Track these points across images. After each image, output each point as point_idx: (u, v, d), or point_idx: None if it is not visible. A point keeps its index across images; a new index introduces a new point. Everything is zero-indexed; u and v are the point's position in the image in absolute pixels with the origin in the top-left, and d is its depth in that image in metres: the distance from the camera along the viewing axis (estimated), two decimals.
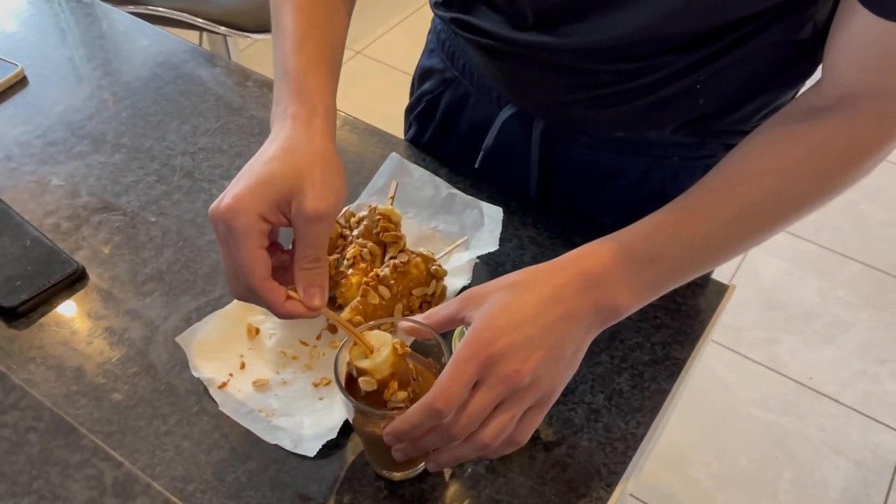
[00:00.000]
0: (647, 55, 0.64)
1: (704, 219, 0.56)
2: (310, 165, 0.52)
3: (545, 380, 0.51)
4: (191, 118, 0.89)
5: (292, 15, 0.60)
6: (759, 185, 0.56)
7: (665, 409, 0.65)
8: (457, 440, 0.50)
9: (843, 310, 1.84)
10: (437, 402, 0.48)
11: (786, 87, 0.69)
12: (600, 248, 0.55)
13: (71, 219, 0.78)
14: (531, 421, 0.52)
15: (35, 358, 0.66)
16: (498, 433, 0.50)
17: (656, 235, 0.55)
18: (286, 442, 0.60)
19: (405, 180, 0.78)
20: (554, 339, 0.51)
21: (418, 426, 0.49)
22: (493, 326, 0.50)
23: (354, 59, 2.50)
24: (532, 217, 0.79)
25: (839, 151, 0.57)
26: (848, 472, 1.56)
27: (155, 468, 0.59)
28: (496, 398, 0.50)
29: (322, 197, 0.51)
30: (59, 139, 0.86)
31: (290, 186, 0.50)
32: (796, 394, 1.69)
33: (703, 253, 0.56)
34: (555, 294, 0.52)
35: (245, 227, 0.49)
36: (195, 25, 1.55)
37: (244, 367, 0.65)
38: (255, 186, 0.50)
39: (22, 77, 0.92)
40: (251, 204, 0.49)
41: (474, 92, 0.80)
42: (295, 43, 0.59)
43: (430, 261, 0.68)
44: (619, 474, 0.61)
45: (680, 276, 0.57)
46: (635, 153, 0.74)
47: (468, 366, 0.49)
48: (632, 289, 0.54)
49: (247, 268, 0.49)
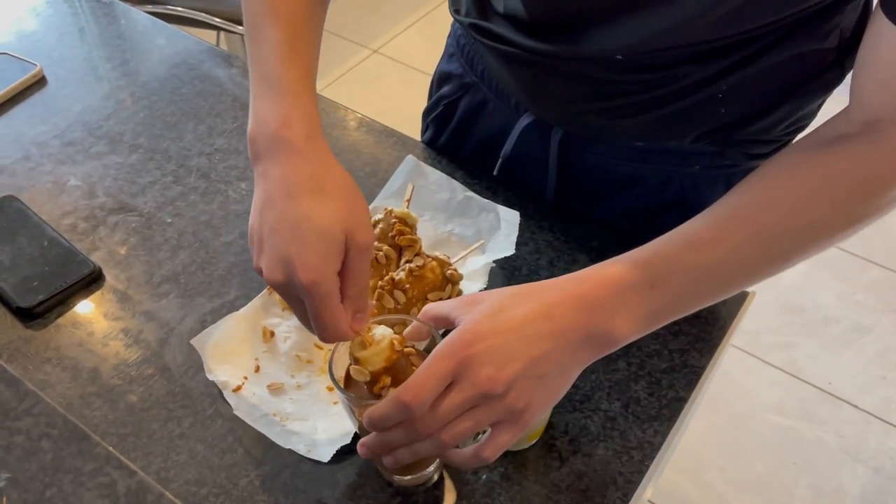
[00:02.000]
0: (666, 65, 0.63)
1: (711, 246, 0.52)
2: (345, 201, 0.53)
3: (520, 394, 0.49)
4: (207, 119, 0.89)
5: (276, 27, 0.57)
6: (772, 213, 0.53)
7: (683, 417, 0.65)
8: (421, 437, 0.49)
9: (863, 314, 1.82)
10: (405, 395, 0.47)
11: (811, 97, 0.68)
12: (599, 272, 0.52)
13: (88, 219, 0.78)
14: (500, 438, 0.50)
15: (51, 359, 0.66)
16: (457, 435, 0.49)
17: (659, 262, 0.52)
18: (300, 447, 0.60)
19: (421, 183, 0.78)
20: (536, 354, 0.49)
21: (386, 417, 0.49)
22: (476, 330, 0.49)
23: (371, 58, 2.50)
24: (549, 221, 0.78)
25: (860, 180, 0.53)
26: (866, 478, 1.54)
27: (169, 471, 0.59)
28: (466, 402, 0.48)
29: (368, 228, 0.53)
30: (77, 139, 0.86)
31: (343, 232, 0.51)
32: (814, 399, 1.67)
33: (709, 282, 0.53)
34: (545, 311, 0.50)
35: (328, 291, 0.50)
36: (213, 25, 1.55)
37: (259, 370, 0.65)
38: (320, 248, 0.50)
39: (41, 77, 0.93)
40: (327, 267, 0.50)
41: (493, 98, 0.79)
42: (282, 58, 0.57)
43: (445, 265, 0.68)
44: (635, 483, 0.60)
45: (685, 304, 0.53)
46: (655, 162, 0.73)
47: (443, 364, 0.48)
48: (629, 316, 0.51)
49: (332, 325, 0.51)
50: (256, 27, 0.59)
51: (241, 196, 0.80)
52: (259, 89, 0.56)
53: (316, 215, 0.51)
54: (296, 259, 0.50)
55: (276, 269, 0.51)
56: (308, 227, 0.50)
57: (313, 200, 0.51)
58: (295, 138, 0.53)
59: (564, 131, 0.74)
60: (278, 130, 0.54)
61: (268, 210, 0.53)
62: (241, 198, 0.80)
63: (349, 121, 0.90)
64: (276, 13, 0.58)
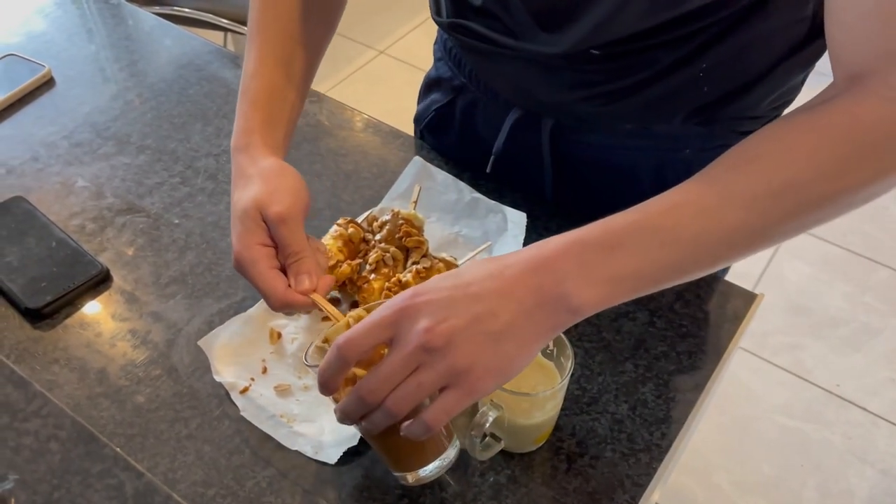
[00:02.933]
0: (640, 49, 0.64)
1: (677, 209, 0.49)
2: (260, 182, 0.60)
3: (462, 352, 0.46)
4: (215, 120, 0.89)
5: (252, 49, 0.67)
6: (745, 173, 0.49)
7: (691, 420, 0.64)
8: (369, 403, 0.47)
9: (871, 316, 1.81)
10: (339, 340, 0.47)
11: (793, 70, 0.67)
12: (555, 238, 0.49)
13: (96, 220, 0.78)
14: (446, 402, 0.47)
15: (59, 359, 0.67)
16: (403, 399, 0.47)
17: (620, 224, 0.49)
18: (307, 448, 0.60)
19: (428, 184, 0.78)
20: (480, 311, 0.46)
21: (327, 369, 0.48)
22: (418, 288, 0.48)
23: (377, 59, 2.50)
24: (556, 222, 0.78)
25: (842, 132, 0.49)
26: (874, 481, 1.53)
27: (176, 472, 0.59)
28: (407, 359, 0.46)
29: (278, 202, 0.58)
30: (85, 140, 0.86)
31: (258, 209, 0.58)
32: (822, 401, 1.66)
33: (678, 247, 0.48)
34: (494, 271, 0.48)
35: (251, 259, 0.58)
36: (220, 26, 1.55)
37: (266, 371, 0.65)
38: (241, 227, 0.59)
39: (49, 78, 0.93)
40: (246, 239, 0.58)
41: (482, 97, 0.80)
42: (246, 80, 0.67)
43: (452, 266, 0.68)
44: (643, 486, 0.60)
45: (653, 271, 0.49)
46: (646, 148, 0.73)
47: (380, 313, 0.47)
48: (588, 279, 0.47)
49: (268, 290, 0.58)
50: (245, 54, 0.68)
51: None
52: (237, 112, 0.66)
53: (239, 202, 0.60)
54: (231, 243, 0.59)
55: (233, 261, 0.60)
56: (234, 213, 0.60)
57: (239, 192, 0.60)
58: (235, 151, 0.63)
59: (554, 122, 0.75)
60: (231, 149, 0.64)
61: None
62: None
63: (356, 122, 0.90)
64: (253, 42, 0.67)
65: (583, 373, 0.66)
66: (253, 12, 0.68)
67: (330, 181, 0.82)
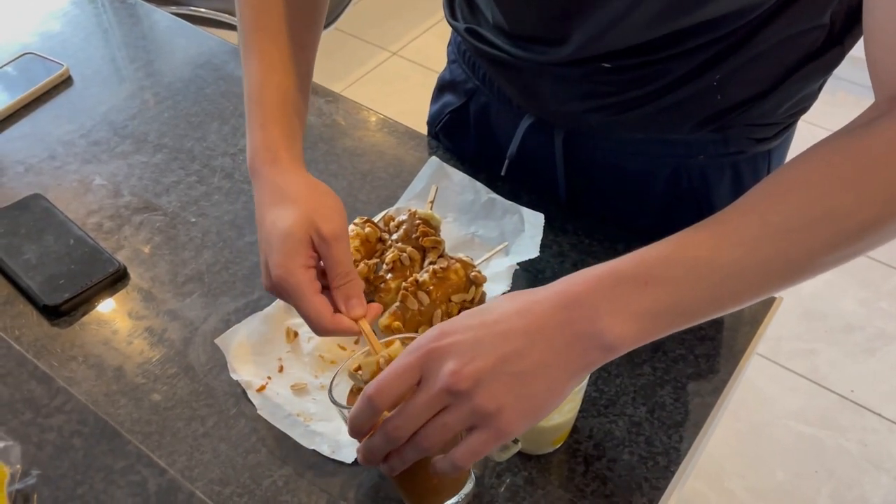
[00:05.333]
0: (640, 65, 0.63)
1: (713, 241, 0.47)
2: (302, 200, 0.58)
3: (488, 394, 0.44)
4: (231, 119, 0.89)
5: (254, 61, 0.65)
6: (784, 203, 0.47)
7: (709, 423, 0.64)
8: (395, 440, 0.46)
9: (887, 321, 1.79)
10: (369, 389, 0.46)
11: (811, 78, 0.66)
12: (589, 270, 0.47)
13: (113, 218, 0.78)
14: (473, 444, 0.45)
15: (76, 356, 0.67)
16: (431, 438, 0.46)
17: (654, 258, 0.47)
18: (324, 447, 0.60)
19: (445, 184, 0.78)
20: (509, 351, 0.45)
21: (357, 417, 0.47)
22: (446, 327, 0.46)
23: (390, 60, 2.50)
24: (572, 224, 0.77)
25: (885, 157, 0.46)
26: (889, 488, 1.52)
27: (193, 470, 0.59)
28: (433, 401, 0.45)
29: (328, 219, 0.57)
30: (103, 139, 0.87)
31: (305, 228, 0.56)
32: (837, 407, 1.65)
33: (714, 282, 0.46)
34: (522, 308, 0.46)
35: (297, 284, 0.55)
36: (234, 26, 1.56)
37: (282, 370, 0.65)
38: (285, 248, 0.56)
39: (67, 77, 0.93)
40: (291, 262, 0.55)
41: (495, 102, 0.79)
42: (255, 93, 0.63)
43: (469, 266, 0.67)
44: (661, 490, 0.59)
45: (689, 307, 0.47)
46: (659, 155, 0.73)
47: (407, 358, 0.46)
48: (621, 313, 0.45)
49: (314, 315, 0.55)
50: (244, 59, 0.66)
51: None
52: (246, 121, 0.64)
53: (279, 221, 0.56)
54: (269, 263, 0.56)
55: (264, 279, 0.58)
56: (274, 233, 0.56)
57: (277, 210, 0.57)
58: (261, 166, 0.60)
59: (567, 130, 0.74)
60: (252, 163, 0.61)
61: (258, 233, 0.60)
62: None
63: (372, 122, 0.90)
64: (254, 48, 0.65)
65: (600, 375, 0.66)
66: (245, 16, 0.66)
67: (346, 181, 0.82)
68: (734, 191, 0.74)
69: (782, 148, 0.75)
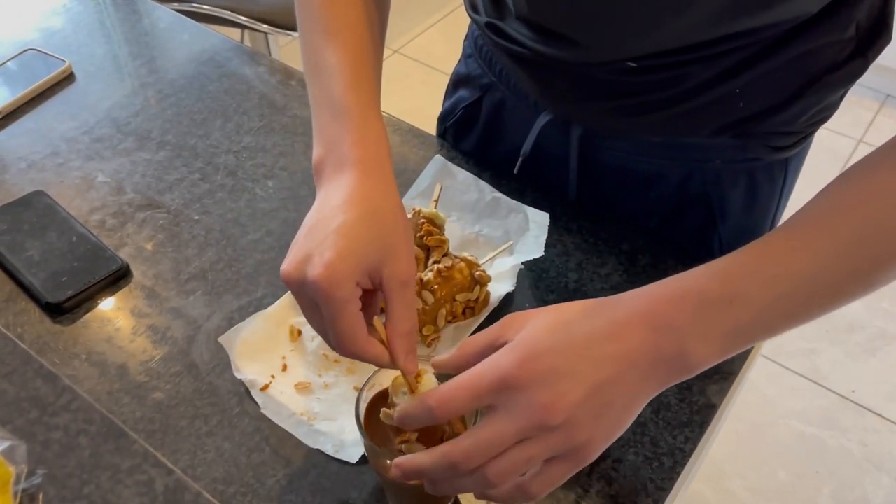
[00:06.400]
0: (677, 64, 0.63)
1: (791, 254, 0.46)
2: (394, 225, 0.49)
3: (581, 427, 0.42)
4: (235, 116, 0.89)
5: (338, 53, 0.55)
6: (858, 216, 0.46)
7: (714, 424, 0.64)
8: (460, 470, 0.42)
9: (888, 321, 1.79)
10: (431, 399, 0.43)
11: (833, 88, 0.66)
12: (671, 287, 0.46)
13: (116, 215, 0.78)
14: (553, 474, 0.43)
15: (79, 354, 0.66)
16: (507, 472, 0.42)
17: (738, 274, 0.45)
18: (327, 447, 0.60)
19: (449, 183, 0.77)
20: (602, 380, 0.43)
21: (411, 417, 0.44)
22: (531, 347, 0.43)
23: (392, 58, 2.49)
24: (577, 223, 0.77)
25: None
26: (890, 488, 1.52)
27: (196, 469, 0.59)
28: (517, 432, 0.42)
29: (411, 260, 0.49)
30: (106, 136, 0.86)
31: (381, 253, 0.48)
32: (838, 407, 1.65)
33: (793, 297, 0.46)
34: (612, 330, 0.44)
35: (345, 296, 0.46)
36: (237, 23, 1.56)
37: (286, 369, 0.65)
38: (347, 254, 0.47)
39: (69, 73, 0.93)
40: (348, 272, 0.46)
41: (511, 98, 0.79)
42: (348, 84, 0.55)
43: (473, 266, 0.67)
44: (666, 491, 0.59)
45: (766, 324, 0.46)
46: (675, 157, 0.73)
47: (486, 378, 0.42)
48: (706, 336, 0.44)
49: (348, 335, 0.47)
50: (315, 52, 0.57)
51: (268, 194, 0.80)
52: (326, 117, 0.54)
53: (353, 230, 0.48)
54: (316, 256, 0.47)
55: (293, 267, 0.47)
56: (346, 232, 0.47)
57: (362, 223, 0.48)
58: (366, 157, 0.52)
59: (583, 129, 0.74)
60: (350, 150, 0.52)
61: (313, 215, 0.50)
62: (268, 196, 0.80)
63: None
64: (336, 36, 0.56)
65: None
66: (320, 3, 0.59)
67: None
68: (749, 197, 0.74)
69: (800, 156, 0.75)
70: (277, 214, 0.78)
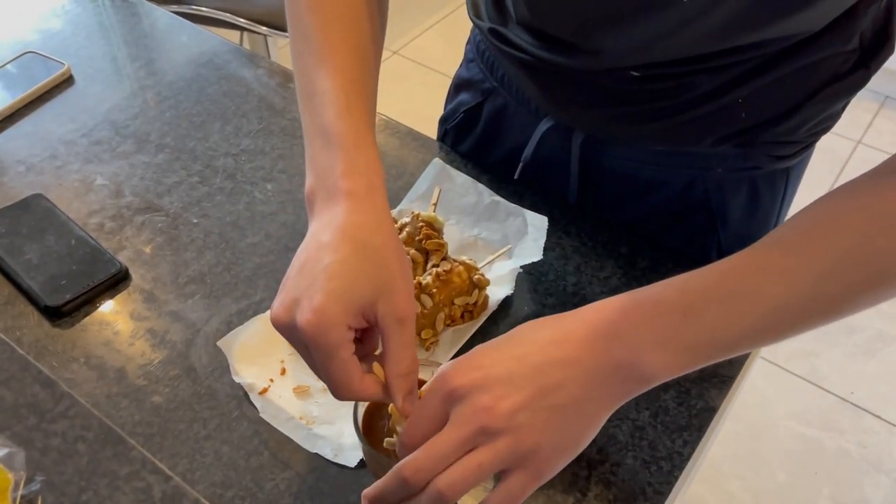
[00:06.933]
0: (681, 74, 0.63)
1: (752, 275, 0.45)
2: (386, 260, 0.47)
3: (527, 432, 0.41)
4: (233, 119, 0.89)
5: (330, 77, 0.53)
6: (828, 240, 0.46)
7: (712, 427, 0.64)
8: (414, 485, 0.42)
9: (887, 323, 1.80)
10: (403, 437, 0.43)
11: (835, 99, 0.67)
12: (625, 297, 0.46)
13: (115, 219, 0.78)
14: (511, 487, 0.42)
15: (78, 358, 0.66)
16: (458, 482, 0.41)
17: (694, 288, 0.45)
18: (326, 451, 0.60)
19: (448, 186, 0.77)
20: (545, 384, 0.42)
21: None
22: (474, 357, 0.44)
23: (390, 59, 2.49)
24: (576, 226, 0.77)
25: None
26: (889, 490, 1.52)
27: (194, 473, 0.59)
28: (462, 439, 0.41)
29: (409, 295, 0.47)
30: (104, 138, 0.86)
31: (374, 291, 0.46)
32: (837, 408, 1.65)
33: (754, 314, 0.45)
34: (559, 336, 0.44)
35: (335, 342, 0.44)
36: (236, 25, 1.56)
37: (285, 372, 0.65)
38: (337, 296, 0.44)
39: (68, 76, 0.93)
40: (338, 316, 0.44)
41: (513, 103, 0.79)
42: (339, 110, 0.52)
43: (472, 269, 0.67)
44: (664, 494, 0.59)
45: (727, 340, 0.45)
46: (677, 165, 0.73)
47: (433, 398, 0.43)
48: (664, 346, 0.44)
49: (342, 381, 0.45)
50: (308, 76, 0.55)
51: (266, 197, 0.80)
52: (317, 145, 0.52)
53: (344, 268, 0.46)
54: (304, 300, 0.45)
55: (282, 311, 0.46)
56: (336, 272, 0.45)
57: (353, 260, 0.46)
58: (356, 187, 0.49)
59: (586, 135, 0.74)
60: (340, 180, 0.49)
61: (303, 253, 0.48)
62: (266, 199, 0.80)
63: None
64: (329, 60, 0.54)
65: None
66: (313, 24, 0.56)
67: None
68: (750, 205, 0.74)
69: (801, 165, 0.75)
70: (276, 217, 0.78)
